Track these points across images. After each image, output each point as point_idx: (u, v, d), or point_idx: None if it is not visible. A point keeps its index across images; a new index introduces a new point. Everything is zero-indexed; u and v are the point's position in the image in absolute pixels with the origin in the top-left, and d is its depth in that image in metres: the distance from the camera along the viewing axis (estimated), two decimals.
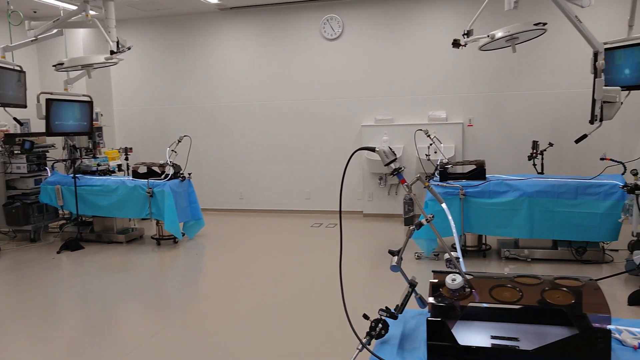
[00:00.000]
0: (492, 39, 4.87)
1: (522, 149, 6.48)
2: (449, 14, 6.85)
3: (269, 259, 5.49)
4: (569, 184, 4.76)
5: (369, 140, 7.13)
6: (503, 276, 1.61)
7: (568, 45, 6.34)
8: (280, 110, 7.65)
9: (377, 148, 1.68)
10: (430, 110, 7.02)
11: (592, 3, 4.48)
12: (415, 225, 1.66)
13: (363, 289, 4.37)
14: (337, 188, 7.35)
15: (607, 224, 4.65)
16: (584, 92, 5.64)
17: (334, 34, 7.29)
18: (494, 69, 6.78)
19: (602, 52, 4.29)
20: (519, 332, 1.56)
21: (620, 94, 4.34)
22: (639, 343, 1.53)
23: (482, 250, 5.27)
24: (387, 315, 1.61)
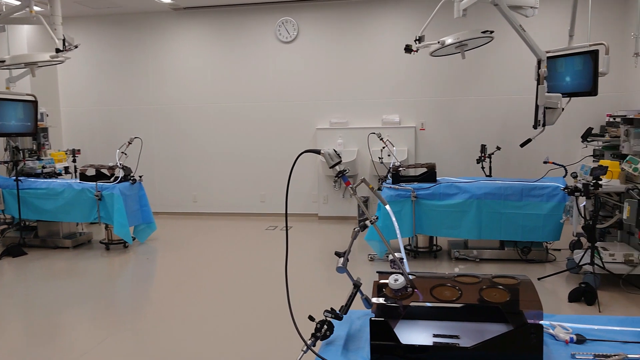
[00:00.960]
0: (443, 45, 5.00)
1: (471, 152, 6.67)
2: (402, 19, 6.99)
3: (222, 262, 5.42)
4: (515, 187, 4.94)
5: (324, 143, 7.17)
6: (444, 276, 1.66)
7: (514, 53, 6.58)
8: (235, 112, 7.58)
9: (322, 151, 1.69)
10: (384, 114, 7.13)
11: (535, 13, 4.67)
12: (360, 226, 1.68)
13: (316, 291, 4.39)
14: (293, 191, 7.34)
15: (550, 225, 4.86)
16: (529, 98, 5.87)
17: (289, 37, 7.29)
18: (445, 74, 6.96)
19: (545, 60, 4.47)
20: (459, 329, 1.60)
21: (562, 101, 4.54)
22: (571, 338, 1.60)
23: (433, 251, 5.39)
24: (332, 317, 1.63)
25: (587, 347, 1.57)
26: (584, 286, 4.01)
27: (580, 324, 1.71)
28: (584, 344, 1.59)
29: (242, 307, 4.10)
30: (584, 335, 1.62)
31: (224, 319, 3.84)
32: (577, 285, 4.10)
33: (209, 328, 3.68)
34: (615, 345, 1.56)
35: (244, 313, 3.96)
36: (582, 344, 1.59)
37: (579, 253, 4.39)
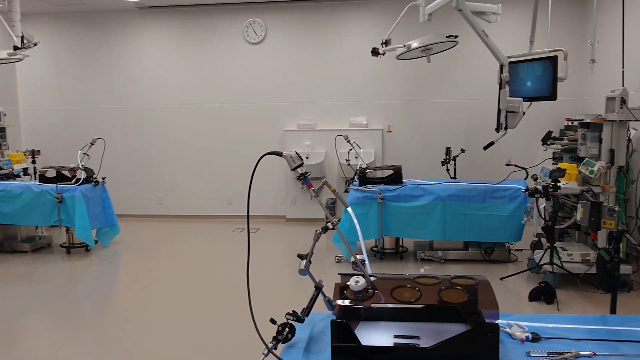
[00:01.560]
0: (409, 49, 5.07)
1: (437, 154, 6.77)
2: (370, 22, 7.05)
3: (187, 265, 5.35)
4: (478, 188, 5.04)
5: (292, 145, 7.16)
6: (404, 277, 1.68)
7: (478, 58, 6.72)
8: (202, 113, 7.49)
9: (284, 153, 1.69)
10: (351, 116, 7.17)
11: (498, 19, 4.78)
12: (322, 229, 1.68)
13: (281, 294, 4.37)
14: (261, 192, 7.31)
15: (512, 226, 4.98)
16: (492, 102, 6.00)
17: (257, 38, 7.26)
18: (411, 77, 7.05)
19: (507, 65, 4.58)
20: (420, 330, 1.62)
21: (523, 105, 4.66)
22: (526, 336, 1.64)
23: (400, 253, 5.45)
24: (294, 319, 1.62)
25: (541, 345, 1.62)
26: (543, 285, 4.12)
27: (536, 323, 1.76)
28: (539, 342, 1.63)
29: (205, 310, 4.05)
30: (539, 333, 1.67)
31: (187, 323, 3.78)
32: (537, 284, 4.21)
33: (172, 332, 3.63)
34: (568, 343, 1.61)
35: (207, 317, 3.92)
36: (537, 342, 1.63)
37: (539, 253, 4.51)
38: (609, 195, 4.24)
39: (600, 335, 1.66)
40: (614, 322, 1.74)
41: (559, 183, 4.09)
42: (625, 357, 1.51)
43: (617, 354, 1.53)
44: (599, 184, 4.30)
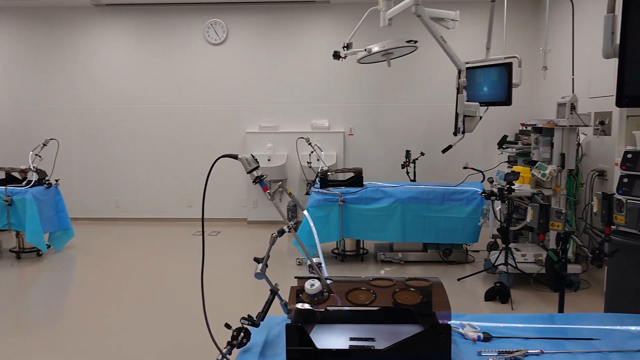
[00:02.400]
0: (369, 53, 5.12)
1: (397, 157, 6.86)
2: (331, 25, 7.09)
3: (144, 270, 5.23)
4: (437, 191, 5.14)
5: (254, 147, 7.12)
6: (359, 280, 1.69)
7: (437, 63, 6.86)
8: (161, 114, 7.35)
9: (240, 156, 1.67)
10: (313, 119, 7.19)
11: (456, 26, 4.88)
12: (278, 232, 1.67)
13: (241, 298, 4.33)
14: (222, 195, 7.22)
15: (469, 227, 5.09)
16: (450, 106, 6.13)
17: (219, 38, 7.18)
18: (373, 81, 7.13)
19: (464, 70, 4.67)
20: (375, 332, 1.63)
21: (479, 109, 4.77)
22: (478, 336, 1.68)
23: (360, 255, 5.49)
24: (249, 324, 1.61)
25: (492, 344, 1.65)
26: (498, 285, 4.23)
27: (488, 323, 1.80)
28: (490, 342, 1.67)
29: (161, 316, 3.96)
30: (490, 333, 1.71)
31: (142, 329, 3.70)
32: (492, 284, 4.31)
33: (126, 339, 3.53)
34: (517, 342, 1.66)
35: (163, 322, 3.84)
36: (488, 341, 1.67)
37: (494, 254, 4.63)
38: (560, 197, 4.39)
39: (548, 334, 1.71)
40: (561, 321, 1.81)
41: (514, 186, 4.21)
42: (570, 354, 1.57)
43: (563, 352, 1.58)
44: (550, 187, 4.45)
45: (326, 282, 1.62)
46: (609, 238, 2.16)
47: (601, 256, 2.05)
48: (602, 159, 5.13)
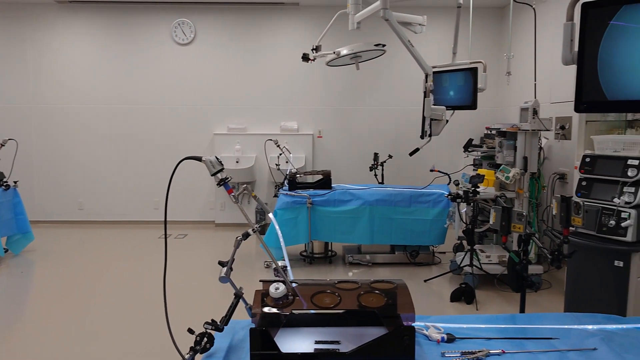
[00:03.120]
0: (338, 56, 5.13)
1: (365, 160, 6.90)
2: (301, 27, 7.09)
3: (107, 275, 5.10)
4: (404, 193, 5.19)
5: (222, 149, 7.05)
6: (325, 283, 1.68)
7: (405, 66, 6.94)
8: (127, 115, 7.19)
9: (204, 158, 1.65)
10: (282, 121, 7.17)
11: (423, 30, 4.95)
12: (242, 235, 1.65)
13: (207, 302, 4.26)
14: (189, 197, 7.12)
15: (436, 229, 5.16)
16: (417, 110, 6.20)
17: (186, 38, 7.08)
18: (342, 84, 7.16)
19: (431, 74, 4.74)
20: (340, 334, 1.63)
21: (446, 113, 4.85)
22: (442, 337, 1.70)
23: (329, 257, 5.50)
24: (213, 328, 1.58)
25: (456, 345, 1.68)
26: (464, 286, 4.30)
27: (451, 324, 1.82)
28: (453, 343, 1.69)
29: (123, 321, 3.87)
30: (454, 334, 1.73)
31: (103, 335, 3.61)
32: (458, 285, 4.38)
33: (87, 345, 3.44)
34: (480, 342, 1.68)
35: (125, 328, 3.75)
36: (452, 342, 1.69)
37: (460, 255, 4.70)
38: (522, 200, 4.50)
39: (510, 334, 1.75)
40: (522, 321, 1.85)
41: (478, 188, 4.29)
42: (531, 354, 1.60)
43: (524, 351, 1.61)
44: (514, 190, 4.55)
45: (291, 285, 1.61)
46: (567, 240, 2.22)
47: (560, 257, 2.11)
48: (562, 162, 5.28)
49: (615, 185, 2.84)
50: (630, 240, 2.70)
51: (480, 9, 6.90)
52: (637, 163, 2.75)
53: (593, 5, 2.26)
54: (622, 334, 1.74)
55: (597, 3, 2.25)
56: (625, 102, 2.21)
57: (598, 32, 2.24)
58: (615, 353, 1.59)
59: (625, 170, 2.78)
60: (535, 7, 4.74)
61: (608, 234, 2.77)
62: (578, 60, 2.30)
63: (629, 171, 2.76)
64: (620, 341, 1.67)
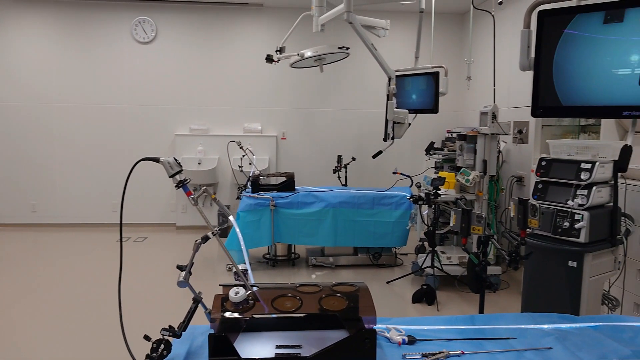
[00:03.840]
0: (302, 58, 5.12)
1: (329, 162, 6.91)
2: (264, 28, 7.04)
3: (62, 279, 4.91)
4: (367, 196, 5.22)
5: (184, 150, 6.93)
6: (286, 286, 1.66)
7: (368, 70, 7.00)
8: (84, 114, 6.97)
9: (161, 159, 1.60)
10: (246, 122, 7.10)
11: (386, 34, 5.00)
12: (202, 238, 1.61)
13: (166, 307, 4.16)
14: (149, 199, 6.96)
15: (398, 231, 5.22)
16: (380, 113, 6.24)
17: (147, 37, 6.93)
18: (306, 85, 7.15)
19: (394, 78, 4.79)
20: (301, 338, 1.61)
21: (408, 116, 4.91)
22: (403, 339, 1.70)
23: (292, 259, 5.47)
24: (170, 335, 1.53)
25: (416, 347, 1.68)
26: (425, 287, 4.36)
27: (412, 326, 1.83)
28: (414, 345, 1.70)
29: (78, 328, 3.74)
30: (414, 336, 1.74)
31: (56, 342, 3.47)
32: (420, 286, 4.44)
33: (39, 352, 3.30)
34: (440, 344, 1.70)
35: (80, 335, 3.62)
36: (412, 344, 1.70)
37: (422, 257, 4.77)
38: (482, 202, 4.60)
39: (469, 335, 1.77)
40: (481, 322, 1.87)
41: (440, 191, 4.35)
42: (489, 354, 1.62)
43: (483, 352, 1.63)
44: (473, 192, 4.65)
45: (252, 289, 1.58)
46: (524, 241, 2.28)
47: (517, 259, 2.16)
48: (520, 165, 5.43)
49: (569, 188, 2.92)
50: (584, 241, 2.79)
51: (441, 14, 7.03)
52: (589, 167, 2.84)
53: (549, 13, 2.33)
54: (576, 332, 1.79)
55: (553, 11, 2.32)
56: (578, 108, 2.28)
57: (553, 40, 2.31)
58: (570, 352, 1.63)
59: (579, 174, 2.87)
60: (494, 14, 4.86)
61: (563, 235, 2.85)
62: (534, 66, 2.37)
63: (582, 174, 2.85)
64: (574, 340, 1.72)
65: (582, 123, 4.37)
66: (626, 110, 2.10)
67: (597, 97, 2.19)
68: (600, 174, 2.86)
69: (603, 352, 1.62)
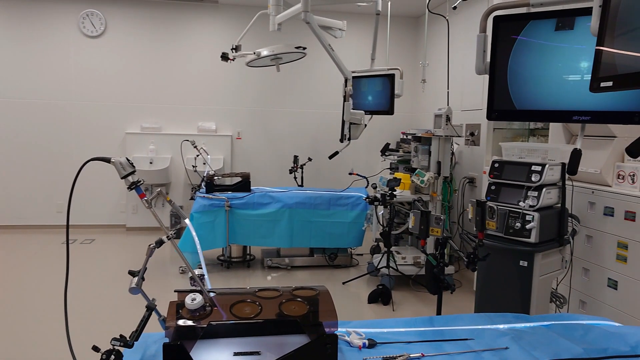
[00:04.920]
0: (258, 57, 5.06)
1: (285, 162, 6.87)
2: (220, 26, 6.91)
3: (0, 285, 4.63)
4: (324, 196, 5.21)
5: (135, 149, 6.70)
6: (245, 291, 1.61)
7: (324, 70, 7.00)
8: (27, 110, 6.61)
9: (113, 159, 1.52)
10: (200, 121, 6.95)
11: (343, 35, 5.00)
12: (156, 242, 1.54)
13: (116, 315, 4.00)
14: (98, 199, 6.70)
15: (354, 232, 5.23)
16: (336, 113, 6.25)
17: (96, 31, 6.65)
18: (262, 85, 7.07)
19: (351, 79, 4.81)
20: (261, 345, 1.56)
21: (364, 117, 4.94)
22: (363, 343, 1.69)
23: (247, 261, 5.39)
24: (122, 344, 1.45)
25: (377, 350, 1.67)
26: (380, 288, 4.39)
27: (372, 329, 1.82)
28: (374, 348, 1.69)
29: (18, 339, 3.53)
30: (375, 339, 1.73)
31: None
32: (375, 287, 4.46)
33: None
34: (400, 346, 1.70)
35: (20, 347, 3.41)
36: (373, 347, 1.69)
37: (377, 257, 4.80)
38: (436, 203, 4.68)
39: (428, 337, 1.77)
40: (439, 323, 1.89)
41: (395, 192, 4.40)
42: (449, 356, 1.63)
43: (442, 354, 1.64)
44: (428, 193, 4.72)
45: (209, 295, 1.52)
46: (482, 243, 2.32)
47: (475, 260, 2.19)
48: (472, 167, 5.57)
49: (521, 189, 3.01)
50: (534, 241, 2.87)
51: (397, 17, 7.12)
52: (540, 169, 2.93)
53: (503, 18, 2.38)
54: (530, 332, 1.83)
55: (507, 17, 2.38)
56: (531, 112, 2.34)
57: (508, 45, 2.36)
58: (525, 351, 1.66)
59: (530, 176, 2.96)
60: (448, 18, 4.95)
61: (514, 235, 2.93)
62: (490, 70, 2.41)
63: (533, 176, 2.94)
64: (529, 339, 1.75)
65: (532, 126, 4.52)
66: (576, 115, 2.18)
67: (549, 102, 2.26)
68: (550, 176, 2.97)
69: (556, 351, 1.66)
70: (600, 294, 3.20)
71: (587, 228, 3.30)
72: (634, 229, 2.96)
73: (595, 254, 3.24)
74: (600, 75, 1.43)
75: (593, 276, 3.26)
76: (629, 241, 2.99)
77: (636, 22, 1.38)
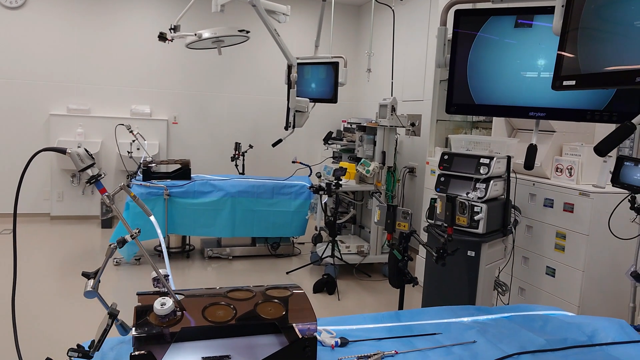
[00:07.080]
0: (199, 39, 4.83)
1: (226, 149, 6.68)
2: (158, 4, 6.54)
3: None
4: (267, 185, 5.11)
5: (60, 132, 6.22)
6: (216, 293, 1.52)
7: (267, 56, 6.84)
8: None
9: (69, 150, 1.36)
10: (133, 104, 6.57)
11: (287, 20, 4.89)
12: (117, 242, 1.40)
13: (53, 313, 3.70)
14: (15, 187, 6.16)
15: (297, 221, 5.19)
16: (278, 100, 6.14)
17: (15, 2, 6.07)
18: (201, 68, 6.79)
19: (295, 65, 4.72)
20: (231, 347, 1.48)
21: (309, 105, 4.88)
22: (336, 342, 1.64)
23: (186, 251, 5.20)
24: (80, 356, 1.32)
25: (350, 349, 1.64)
26: (325, 277, 4.38)
27: (341, 326, 1.79)
28: (347, 347, 1.65)
29: None
30: (345, 337, 1.69)
31: None
32: (320, 276, 4.45)
33: None
34: (372, 344, 1.67)
35: None
36: (345, 346, 1.65)
37: (321, 246, 4.79)
38: (381, 192, 4.72)
39: (398, 332, 1.76)
40: (406, 318, 1.89)
41: (341, 181, 4.39)
42: (421, 352, 1.63)
43: (415, 350, 1.63)
44: (372, 182, 4.76)
45: (177, 298, 1.41)
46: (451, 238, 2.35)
47: (444, 255, 2.22)
48: (412, 157, 5.68)
49: (469, 181, 3.08)
50: (482, 232, 2.96)
51: (341, 4, 7.08)
52: (487, 162, 3.02)
53: (464, 13, 2.39)
54: (493, 324, 1.87)
55: (468, 11, 2.40)
56: (489, 107, 2.38)
57: (468, 40, 2.38)
58: (492, 344, 1.69)
59: (478, 168, 3.04)
60: (394, 8, 4.98)
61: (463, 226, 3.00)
62: (450, 64, 2.43)
63: (481, 169, 3.02)
64: (493, 332, 1.79)
65: (475, 119, 4.66)
66: (532, 111, 2.24)
67: (507, 98, 2.31)
68: (497, 168, 3.06)
69: (521, 343, 1.70)
70: (539, 281, 3.37)
71: (528, 219, 3.45)
72: (572, 220, 3.13)
73: (535, 243, 3.41)
74: (563, 74, 1.45)
75: (532, 264, 3.43)
76: (567, 231, 3.16)
77: (599, 22, 1.41)
